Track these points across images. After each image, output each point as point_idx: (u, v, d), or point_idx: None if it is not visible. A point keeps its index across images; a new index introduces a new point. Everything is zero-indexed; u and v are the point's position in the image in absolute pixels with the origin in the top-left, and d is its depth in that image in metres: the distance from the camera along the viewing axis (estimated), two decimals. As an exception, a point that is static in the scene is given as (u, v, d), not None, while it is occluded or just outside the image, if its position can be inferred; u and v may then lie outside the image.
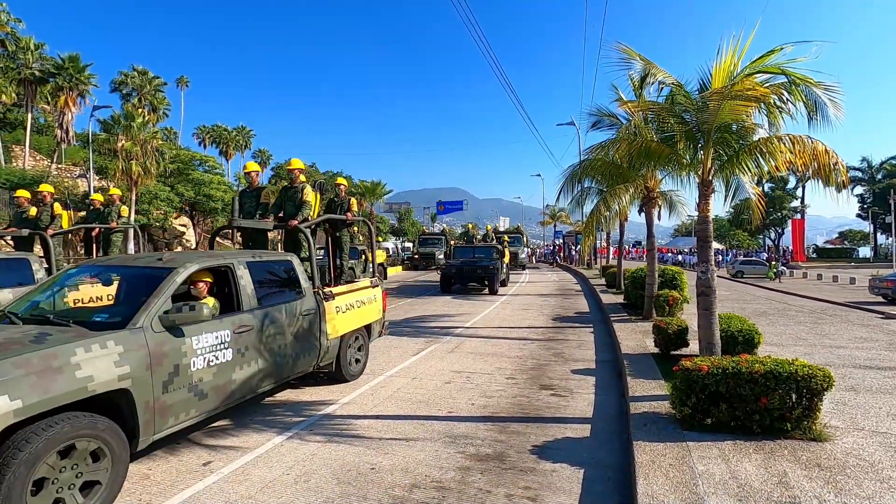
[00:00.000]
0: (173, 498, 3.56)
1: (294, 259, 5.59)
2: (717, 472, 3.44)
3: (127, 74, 42.04)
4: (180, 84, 60.79)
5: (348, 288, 6.35)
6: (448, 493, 3.62)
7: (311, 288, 5.58)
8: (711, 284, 5.27)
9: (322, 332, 5.55)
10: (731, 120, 4.91)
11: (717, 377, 4.03)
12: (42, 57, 32.05)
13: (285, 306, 5.08)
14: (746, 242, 59.47)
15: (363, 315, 6.53)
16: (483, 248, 19.37)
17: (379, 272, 21.69)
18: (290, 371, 5.16)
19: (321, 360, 5.68)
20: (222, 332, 4.27)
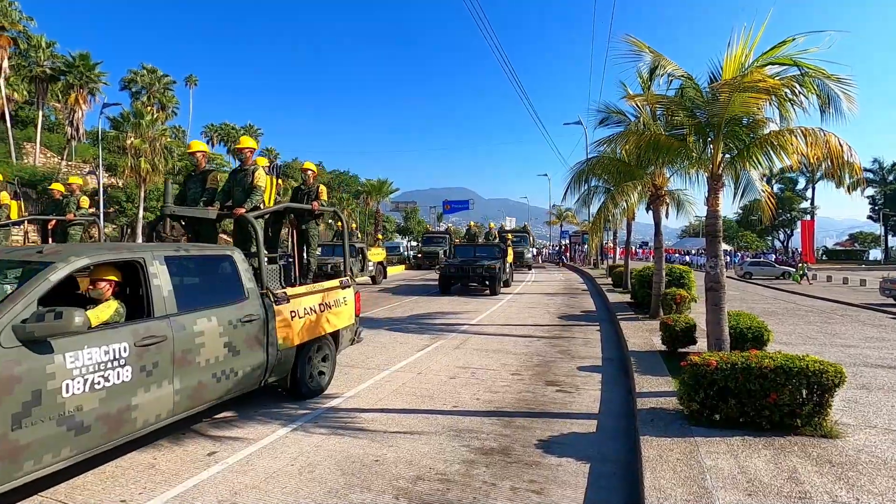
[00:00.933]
0: (178, 487, 3.56)
1: (236, 254, 4.69)
2: (725, 466, 3.39)
3: (136, 73, 42.39)
4: (189, 83, 61.21)
5: (309, 289, 5.46)
6: (452, 485, 3.60)
7: (256, 289, 4.71)
8: (721, 280, 5.20)
9: (270, 341, 4.71)
10: (742, 113, 4.85)
11: (725, 372, 3.97)
12: (53, 55, 32.41)
13: (217, 311, 4.21)
14: (755, 244, 59.01)
15: (329, 320, 5.67)
16: (485, 246, 18.62)
17: (378, 271, 21.37)
18: (224, 390, 4.27)
19: (269, 375, 4.81)
20: (116, 346, 3.38)
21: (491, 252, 17.75)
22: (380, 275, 21.02)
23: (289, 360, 5.06)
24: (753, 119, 5.16)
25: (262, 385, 4.82)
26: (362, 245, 20.11)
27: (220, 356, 4.18)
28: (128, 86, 42.76)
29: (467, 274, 16.28)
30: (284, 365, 5.02)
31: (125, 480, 3.66)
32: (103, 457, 4.07)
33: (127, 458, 4.03)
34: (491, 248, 18.13)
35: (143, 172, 26.29)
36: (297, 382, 5.29)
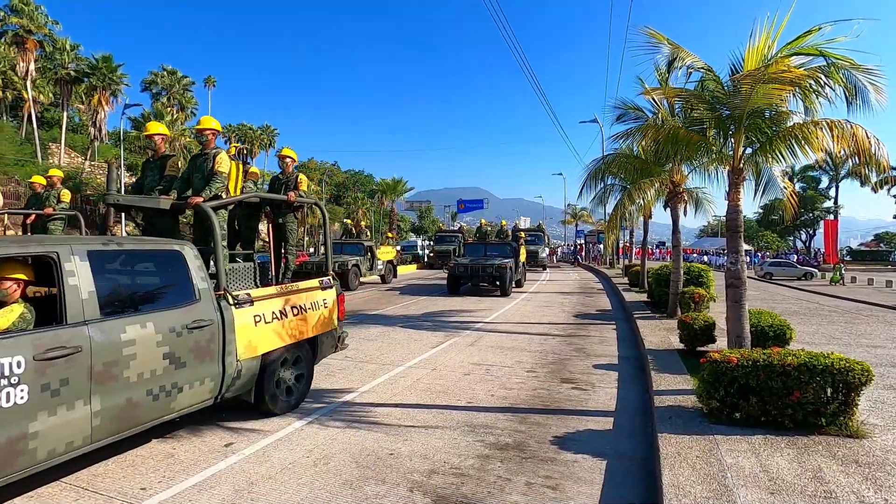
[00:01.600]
0: (196, 476, 3.61)
1: (186, 249, 4.06)
2: (746, 465, 3.31)
3: (157, 74, 43.20)
4: (207, 84, 62.18)
5: (280, 290, 4.84)
6: (467, 479, 3.58)
7: (210, 290, 4.08)
8: (741, 276, 5.09)
9: (227, 350, 4.10)
10: (765, 105, 4.73)
11: (746, 369, 3.88)
12: (77, 57, 33.21)
13: (156, 316, 3.60)
14: (776, 244, 57.76)
15: (304, 325, 5.01)
16: (495, 245, 17.77)
17: (388, 270, 20.45)
18: (164, 409, 3.66)
19: (227, 390, 4.19)
20: (6, 361, 2.78)
21: (502, 251, 17.00)
22: (390, 273, 20.80)
23: (252, 371, 4.37)
24: (776, 112, 5.03)
25: (219, 401, 4.19)
26: (371, 243, 19.93)
27: (159, 369, 3.55)
28: (148, 87, 43.60)
29: (477, 273, 15.52)
30: (246, 377, 4.33)
31: (145, 469, 3.72)
32: (124, 445, 4.16)
33: (147, 447, 4.11)
34: (502, 247, 17.41)
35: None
36: (263, 397, 4.58)
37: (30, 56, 30.20)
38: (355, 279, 17.19)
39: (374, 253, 19.25)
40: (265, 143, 66.33)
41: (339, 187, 68.01)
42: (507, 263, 15.50)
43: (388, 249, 21.97)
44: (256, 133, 63.80)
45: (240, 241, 6.06)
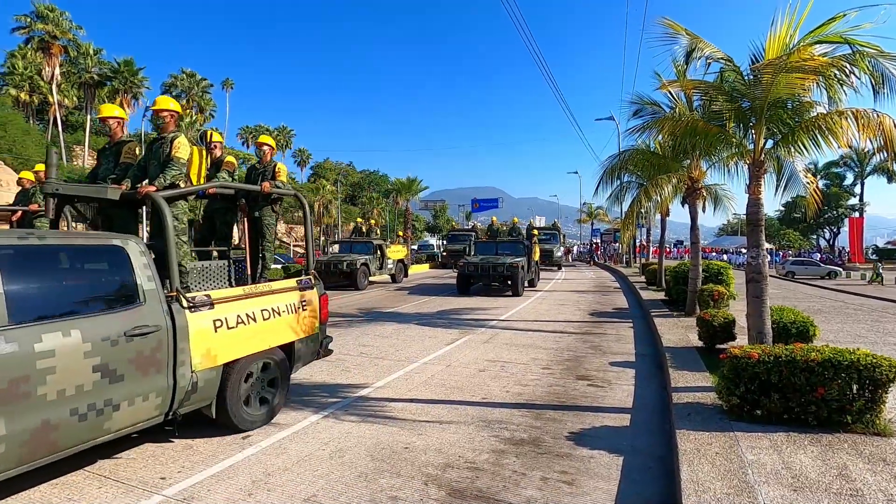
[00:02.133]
0: (214, 466, 3.67)
1: (131, 245, 3.57)
2: (768, 462, 3.24)
3: (176, 77, 43.99)
4: (225, 86, 63.08)
5: (247, 291, 4.32)
6: (482, 473, 3.57)
7: (159, 292, 3.60)
8: (763, 270, 4.97)
9: (180, 360, 3.63)
10: (787, 95, 4.61)
11: (768, 365, 3.79)
12: (100, 62, 34.02)
13: (85, 322, 3.10)
14: (798, 243, 56.44)
15: (276, 330, 4.50)
16: (507, 243, 16.94)
17: (399, 269, 20.01)
18: (95, 431, 3.15)
19: (180, 405, 3.71)
20: None
21: (515, 249, 16.32)
22: (400, 273, 20.49)
23: (211, 383, 3.90)
24: (799, 102, 4.90)
25: (172, 417, 3.72)
26: (381, 242, 19.67)
27: (87, 384, 3.03)
28: (168, 90, 44.39)
29: (487, 273, 14.92)
30: (204, 390, 3.86)
31: (165, 459, 3.79)
32: (146, 437, 4.25)
33: (167, 439, 4.18)
34: (514, 245, 16.68)
35: (183, 172, 27.20)
36: (227, 411, 4.08)
37: (55, 61, 31.03)
38: (364, 278, 17.05)
39: (385, 252, 19.06)
40: (281, 145, 67.14)
41: (355, 187, 68.51)
42: (519, 262, 14.95)
43: (398, 248, 21.66)
44: (273, 134, 64.61)
45: (215, 237, 5.65)
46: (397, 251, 21.02)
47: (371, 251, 18.08)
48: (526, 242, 17.23)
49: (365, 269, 17.05)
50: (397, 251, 21.02)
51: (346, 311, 11.77)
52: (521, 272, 14.89)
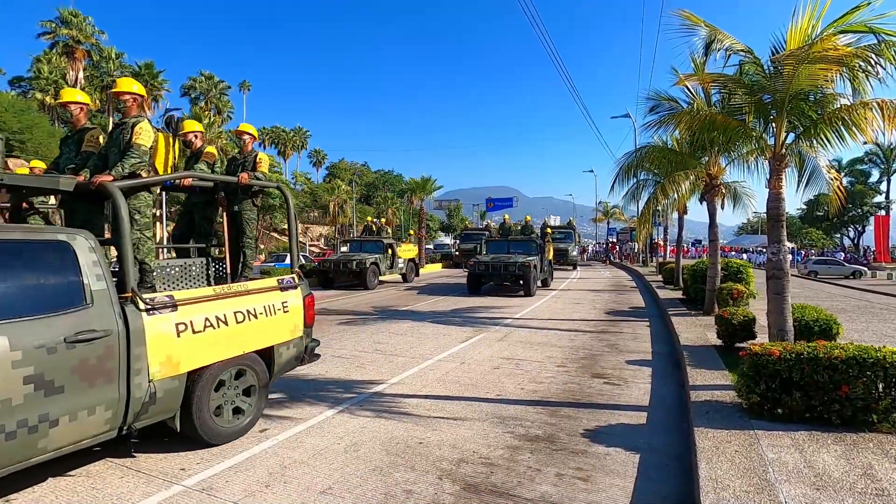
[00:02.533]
0: (233, 458, 3.73)
1: (78, 241, 3.25)
2: (790, 460, 3.17)
3: (195, 79, 44.76)
4: (243, 88, 64.01)
5: (219, 291, 3.97)
6: (496, 468, 3.56)
7: (110, 292, 3.28)
8: (784, 266, 4.86)
9: (134, 368, 3.28)
10: (809, 87, 4.50)
11: (789, 362, 3.71)
12: (122, 65, 34.74)
13: (13, 327, 2.74)
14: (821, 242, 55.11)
15: (252, 334, 4.12)
16: (519, 242, 16.42)
17: (410, 268, 19.72)
18: (24, 452, 2.78)
19: (136, 418, 3.35)
20: None
21: (527, 248, 15.86)
22: (411, 272, 20.19)
23: (173, 393, 3.54)
24: (822, 94, 4.78)
25: (128, 432, 3.35)
26: (391, 241, 19.36)
27: (16, 398, 2.70)
28: (187, 92, 45.23)
29: (499, 272, 14.49)
30: (165, 401, 3.50)
31: (185, 451, 3.86)
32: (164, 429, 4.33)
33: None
34: (527, 244, 16.16)
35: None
36: (193, 424, 3.70)
37: (78, 65, 31.83)
38: (374, 278, 16.92)
39: (395, 251, 18.85)
40: (297, 145, 67.89)
41: (369, 187, 68.89)
42: (532, 261, 14.49)
43: (409, 247, 21.27)
44: (289, 135, 65.37)
45: (194, 233, 5.33)
46: (408, 250, 20.72)
47: (381, 250, 17.96)
48: (538, 241, 16.68)
49: (375, 268, 16.94)
50: (408, 250, 20.72)
51: (360, 310, 11.85)
52: (533, 271, 14.48)
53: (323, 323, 10.00)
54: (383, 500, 3.13)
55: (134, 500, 3.13)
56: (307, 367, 6.43)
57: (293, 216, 5.24)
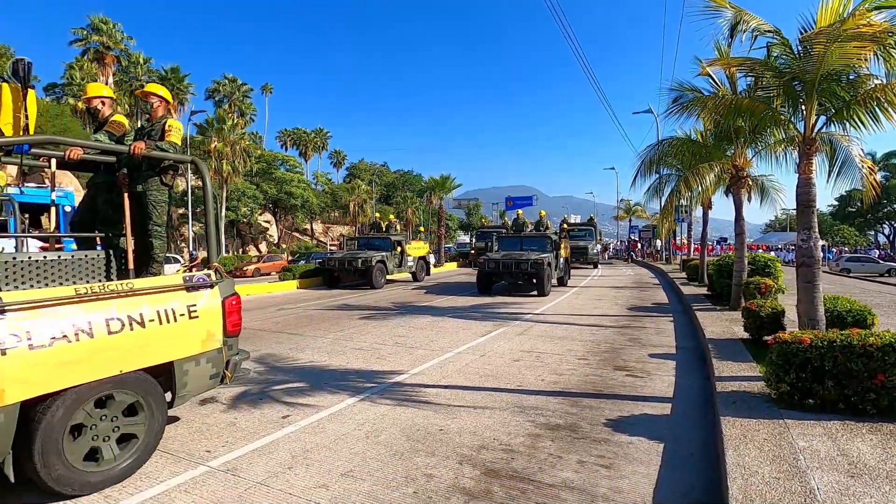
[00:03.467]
0: (256, 442, 3.79)
1: None
2: (822, 448, 3.06)
3: (219, 83, 45.75)
4: (265, 91, 65.18)
5: (81, 291, 2.98)
6: (517, 455, 3.54)
7: None
8: (814, 254, 4.70)
9: None
10: (841, 66, 4.33)
11: (821, 350, 3.59)
12: (149, 70, 35.72)
13: None
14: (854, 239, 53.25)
15: (135, 348, 3.17)
16: (533, 238, 15.52)
17: (420, 267, 18.91)
18: None
19: None
20: None
21: (541, 244, 14.95)
22: (422, 271, 19.33)
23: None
24: (856, 75, 4.60)
25: None
26: (400, 238, 18.49)
27: None
28: (211, 95, 46.28)
29: (510, 270, 13.60)
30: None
31: (209, 434, 3.95)
32: (191, 413, 4.44)
33: (211, 416, 4.36)
34: (541, 240, 15.19)
35: (225, 174, 28.31)
36: (36, 470, 2.76)
37: (108, 70, 32.87)
38: (381, 276, 16.24)
39: (404, 248, 18.00)
40: (318, 146, 68.76)
41: (389, 187, 69.30)
42: (546, 258, 13.60)
43: (419, 245, 20.17)
44: (310, 136, 66.26)
45: (97, 220, 4.46)
46: (418, 248, 19.77)
47: (389, 247, 17.22)
48: (553, 237, 15.59)
49: (381, 266, 16.27)
50: (418, 248, 19.77)
51: (380, 305, 11.93)
52: (547, 270, 13.57)
53: (342, 318, 10.11)
54: (403, 483, 3.14)
55: (162, 479, 3.22)
56: (328, 358, 6.58)
57: (209, 197, 4.09)
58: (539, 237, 15.59)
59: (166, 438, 3.84)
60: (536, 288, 13.67)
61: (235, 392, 5.06)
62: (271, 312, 11.03)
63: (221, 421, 4.26)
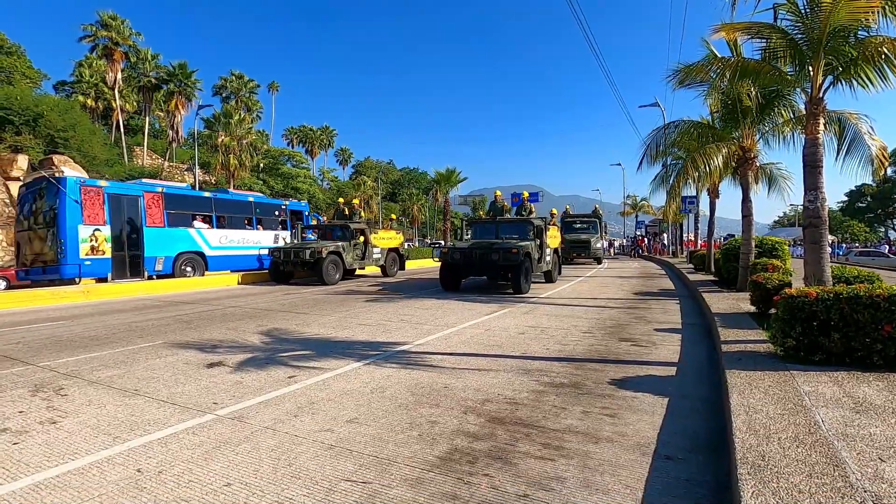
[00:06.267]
0: (262, 396, 3.83)
1: None
2: (827, 392, 3.05)
3: (226, 79, 46.00)
4: (272, 89, 65.40)
5: None
6: (521, 406, 3.55)
7: None
8: (821, 214, 4.67)
9: None
10: (848, 22, 4.30)
11: (827, 303, 3.57)
12: (157, 66, 36.01)
13: None
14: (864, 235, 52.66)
15: None
16: (511, 223, 12.60)
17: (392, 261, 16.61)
18: None
19: None
20: None
21: (521, 231, 12.15)
22: (394, 265, 16.94)
23: None
24: (865, 35, 4.55)
25: None
26: (363, 226, 15.77)
27: None
28: (218, 91, 46.54)
29: (478, 261, 10.90)
30: None
31: (217, 391, 3.99)
32: (198, 373, 4.50)
33: (217, 377, 4.40)
34: (521, 226, 12.30)
35: (232, 168, 28.48)
36: None
37: (117, 67, 33.15)
38: (335, 271, 13.96)
39: (369, 238, 15.54)
40: (325, 144, 68.96)
41: (395, 184, 69.45)
42: (524, 248, 10.83)
43: (390, 235, 17.17)
44: (316, 134, 66.45)
45: None
46: (388, 238, 16.92)
47: (347, 237, 14.86)
48: (538, 223, 12.53)
49: (336, 258, 14.07)
50: (388, 238, 16.92)
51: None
52: (524, 261, 10.77)
53: (349, 300, 10.15)
54: (408, 428, 3.16)
55: (170, 425, 3.26)
56: (332, 330, 6.64)
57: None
58: (518, 222, 12.61)
59: (173, 393, 3.91)
60: (512, 284, 10.82)
61: (242, 357, 5.12)
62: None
63: (228, 380, 4.30)
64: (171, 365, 4.85)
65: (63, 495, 2.36)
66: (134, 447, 2.91)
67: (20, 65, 33.25)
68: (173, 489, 2.39)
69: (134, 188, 13.82)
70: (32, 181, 13.34)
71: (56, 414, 3.49)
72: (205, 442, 2.97)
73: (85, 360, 5.17)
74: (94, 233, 12.48)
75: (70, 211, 12.03)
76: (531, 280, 11.51)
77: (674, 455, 2.71)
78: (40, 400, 3.83)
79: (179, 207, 14.57)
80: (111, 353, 5.49)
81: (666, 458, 2.67)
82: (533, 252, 11.50)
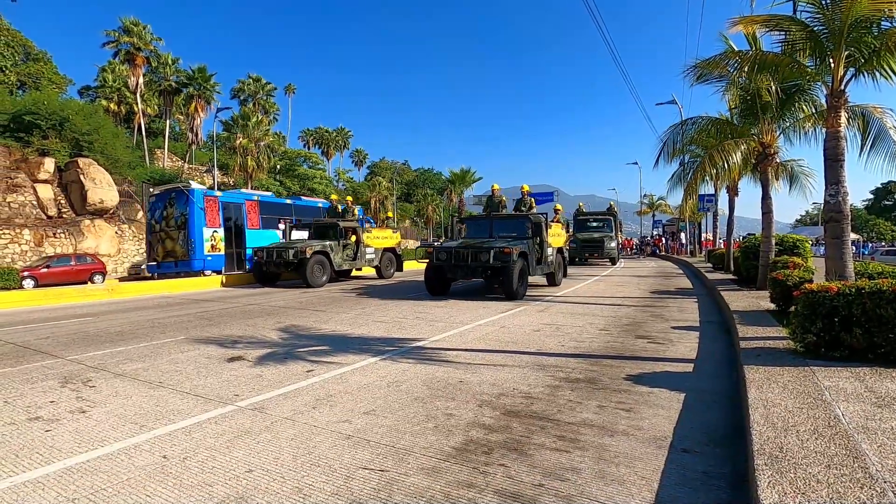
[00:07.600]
0: (282, 389, 3.92)
1: None
2: (848, 387, 3.01)
3: (244, 82, 46.70)
4: (288, 91, 66.24)
5: None
6: (536, 401, 3.57)
7: None
8: (843, 209, 4.59)
9: None
10: (871, 12, 4.21)
11: (849, 298, 3.51)
12: (177, 70, 36.71)
13: None
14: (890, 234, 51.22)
15: None
16: (507, 220, 11.42)
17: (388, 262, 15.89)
18: None
19: None
20: None
21: (519, 228, 10.97)
22: (390, 266, 16.08)
23: None
24: (889, 26, 4.45)
25: None
26: (354, 224, 14.84)
27: None
28: (236, 94, 47.27)
29: (466, 263, 9.82)
30: None
31: (238, 384, 4.09)
32: (219, 367, 4.60)
33: (238, 371, 4.51)
34: (518, 223, 11.12)
35: (250, 169, 28.91)
36: None
37: (139, 71, 33.87)
38: (321, 273, 13.11)
39: (361, 237, 14.69)
40: (340, 145, 69.60)
41: (410, 185, 69.65)
42: (518, 248, 9.71)
43: (385, 234, 16.15)
44: (332, 135, 67.12)
45: None
46: (384, 238, 15.97)
47: (337, 236, 14.07)
48: (536, 219, 11.17)
49: (322, 259, 13.26)
50: (384, 238, 15.97)
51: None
52: (519, 263, 9.60)
53: (362, 300, 10.24)
54: (424, 420, 3.21)
55: (194, 415, 3.36)
56: (349, 327, 6.71)
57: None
58: (515, 218, 11.43)
59: (195, 386, 4.02)
60: (504, 288, 9.62)
61: (262, 352, 5.23)
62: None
63: (248, 374, 4.40)
64: (194, 359, 4.98)
65: (94, 479, 2.45)
66: (159, 435, 3.00)
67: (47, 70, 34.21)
68: (197, 474, 2.47)
69: (238, 196, 16.82)
70: (163, 191, 16.02)
71: (85, 404, 3.62)
72: (227, 431, 3.05)
73: (111, 354, 5.34)
74: (213, 234, 15.21)
75: (198, 216, 14.85)
76: (527, 283, 10.35)
77: (690, 448, 2.71)
78: (69, 391, 3.97)
79: (269, 212, 17.18)
80: (136, 348, 5.66)
81: (682, 451, 2.67)
82: (531, 252, 10.44)
